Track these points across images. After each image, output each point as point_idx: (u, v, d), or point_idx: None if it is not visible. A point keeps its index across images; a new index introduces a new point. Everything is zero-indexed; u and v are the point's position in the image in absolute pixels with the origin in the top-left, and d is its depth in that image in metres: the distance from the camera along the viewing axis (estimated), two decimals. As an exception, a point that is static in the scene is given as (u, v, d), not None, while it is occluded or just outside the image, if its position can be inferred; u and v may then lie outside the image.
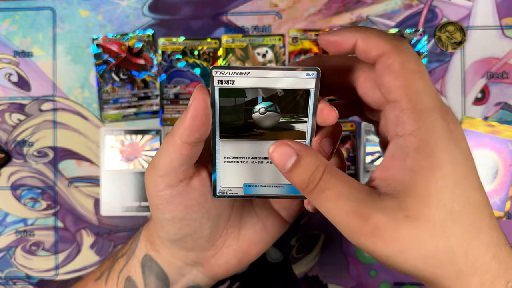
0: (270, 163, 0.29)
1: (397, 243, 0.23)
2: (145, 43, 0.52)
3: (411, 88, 0.24)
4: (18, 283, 0.53)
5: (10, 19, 0.53)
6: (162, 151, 0.28)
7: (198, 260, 0.33)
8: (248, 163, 0.30)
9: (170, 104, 0.52)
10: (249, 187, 0.30)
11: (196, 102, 0.26)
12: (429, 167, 0.23)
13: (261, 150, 0.29)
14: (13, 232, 0.53)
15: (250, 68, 0.27)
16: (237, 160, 0.30)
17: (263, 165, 0.30)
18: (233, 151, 0.29)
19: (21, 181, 0.53)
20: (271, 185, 0.30)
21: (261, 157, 0.29)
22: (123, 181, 0.52)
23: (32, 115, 0.53)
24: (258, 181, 0.30)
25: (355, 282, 0.51)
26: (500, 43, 0.51)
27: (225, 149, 0.29)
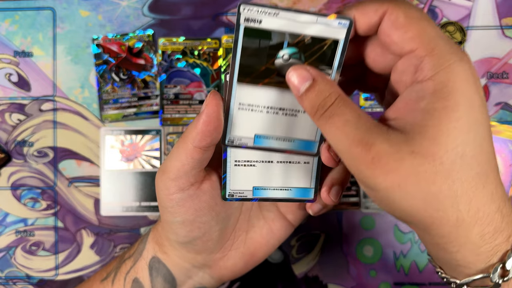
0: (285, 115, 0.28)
1: (397, 175, 0.22)
2: (145, 43, 0.52)
3: (424, 35, 0.23)
4: (18, 283, 0.53)
5: (10, 19, 0.53)
6: (174, 155, 0.28)
7: (206, 262, 0.33)
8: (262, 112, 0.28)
9: (170, 104, 0.52)
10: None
11: (209, 108, 0.26)
12: (444, 108, 0.22)
13: (278, 99, 0.28)
14: (13, 232, 0.53)
15: (281, 8, 0.25)
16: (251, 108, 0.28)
17: (278, 117, 0.28)
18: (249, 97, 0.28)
19: (21, 181, 0.53)
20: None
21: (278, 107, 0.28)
22: (123, 181, 0.52)
23: (32, 115, 0.53)
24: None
25: (355, 282, 0.51)
26: (500, 43, 0.51)
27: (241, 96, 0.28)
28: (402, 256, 0.51)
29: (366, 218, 0.52)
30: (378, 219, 0.52)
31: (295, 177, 0.31)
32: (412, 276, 0.51)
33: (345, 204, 0.52)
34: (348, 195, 0.51)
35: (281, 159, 0.30)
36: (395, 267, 0.51)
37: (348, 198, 0.51)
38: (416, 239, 0.51)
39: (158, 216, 0.52)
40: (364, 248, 0.52)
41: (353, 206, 0.52)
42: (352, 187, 0.51)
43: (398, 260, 0.51)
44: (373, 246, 0.51)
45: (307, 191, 0.31)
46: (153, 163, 0.52)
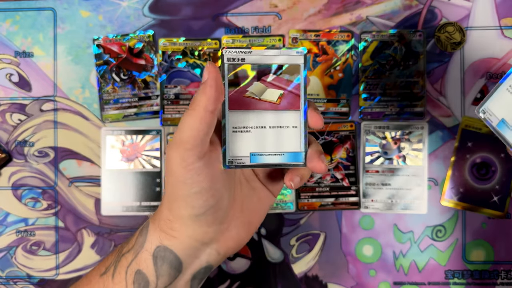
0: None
1: None
2: (146, 44, 0.53)
3: None
4: (18, 282, 0.53)
5: (11, 20, 0.53)
6: (186, 125, 0.30)
7: (215, 235, 0.35)
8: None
9: (170, 104, 0.53)
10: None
11: (211, 75, 0.30)
12: None
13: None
14: (14, 232, 0.53)
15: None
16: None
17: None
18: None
19: (22, 181, 0.53)
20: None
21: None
22: (124, 181, 0.52)
23: (33, 115, 0.53)
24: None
25: (354, 282, 0.52)
26: (500, 44, 0.51)
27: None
28: (401, 256, 0.51)
29: (366, 218, 0.52)
30: (378, 219, 0.52)
31: (287, 142, 0.34)
32: (412, 275, 0.51)
33: (344, 204, 0.52)
34: (347, 195, 0.52)
35: (272, 124, 0.34)
36: (394, 266, 0.51)
37: (348, 198, 0.52)
38: (416, 239, 0.51)
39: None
40: (364, 247, 0.52)
41: (352, 206, 0.52)
42: (351, 187, 0.52)
43: (397, 260, 0.51)
44: (372, 246, 0.52)
45: (298, 156, 0.34)
46: (154, 163, 0.52)
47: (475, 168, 0.51)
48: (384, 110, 0.52)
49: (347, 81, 0.52)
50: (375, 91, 0.52)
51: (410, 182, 0.51)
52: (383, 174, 0.51)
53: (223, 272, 0.52)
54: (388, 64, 0.52)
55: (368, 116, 0.52)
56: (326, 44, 0.52)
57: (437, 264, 0.51)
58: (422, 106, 0.52)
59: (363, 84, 0.52)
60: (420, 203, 0.51)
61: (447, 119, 0.51)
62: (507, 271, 0.51)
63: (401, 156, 0.51)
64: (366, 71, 0.52)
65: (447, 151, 0.51)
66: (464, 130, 0.51)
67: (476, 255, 0.51)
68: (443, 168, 0.51)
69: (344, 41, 0.52)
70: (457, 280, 0.51)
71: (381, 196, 0.51)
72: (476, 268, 0.51)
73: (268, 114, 0.34)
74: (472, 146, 0.51)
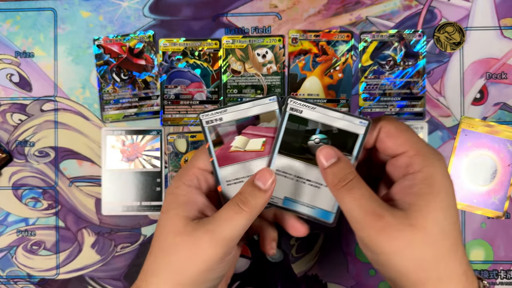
0: (311, 186, 0.35)
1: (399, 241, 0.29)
2: (146, 44, 0.53)
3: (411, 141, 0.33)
4: (19, 282, 0.53)
5: (11, 20, 0.54)
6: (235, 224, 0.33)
7: None
8: (293, 180, 0.35)
9: (170, 105, 0.53)
10: (288, 201, 0.35)
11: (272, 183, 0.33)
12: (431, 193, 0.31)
13: (307, 172, 0.35)
14: (15, 231, 0.53)
15: (317, 104, 0.35)
16: (285, 175, 0.35)
17: (304, 186, 0.35)
18: (284, 166, 0.35)
19: (22, 181, 0.53)
20: (306, 204, 0.35)
21: (306, 178, 0.35)
22: (124, 181, 0.52)
23: (34, 115, 0.53)
24: (297, 197, 0.35)
25: (354, 281, 0.52)
26: (499, 44, 0.52)
27: (278, 164, 0.35)
28: (401, 256, 0.51)
29: (366, 217, 0.52)
30: (378, 219, 0.52)
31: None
32: (411, 275, 0.51)
33: (344, 204, 0.52)
34: (347, 194, 0.52)
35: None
36: (394, 266, 0.51)
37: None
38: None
39: (158, 215, 0.52)
40: (364, 247, 0.52)
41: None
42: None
43: (397, 260, 0.51)
44: (372, 246, 0.52)
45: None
46: (154, 163, 0.52)
47: (474, 168, 0.51)
48: (383, 110, 0.52)
49: (347, 81, 0.52)
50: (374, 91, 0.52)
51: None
52: (383, 174, 0.52)
53: (223, 272, 0.52)
54: (388, 64, 0.52)
55: (368, 116, 0.52)
56: (326, 45, 0.52)
57: (436, 263, 0.51)
58: (421, 106, 0.52)
59: (363, 84, 0.52)
60: (419, 203, 0.51)
61: (447, 119, 0.52)
62: (507, 271, 0.51)
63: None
64: (366, 71, 0.52)
65: (446, 151, 0.51)
66: (464, 130, 0.51)
67: (476, 254, 0.51)
68: (443, 168, 0.51)
69: (344, 41, 0.52)
70: (456, 280, 0.51)
71: (381, 196, 0.52)
72: (476, 268, 0.51)
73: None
74: (472, 146, 0.51)
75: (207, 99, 0.53)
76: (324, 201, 0.35)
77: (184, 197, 0.34)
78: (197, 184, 0.36)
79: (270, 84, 0.52)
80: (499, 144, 0.50)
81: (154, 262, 0.34)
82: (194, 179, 0.36)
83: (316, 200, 0.35)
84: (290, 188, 0.35)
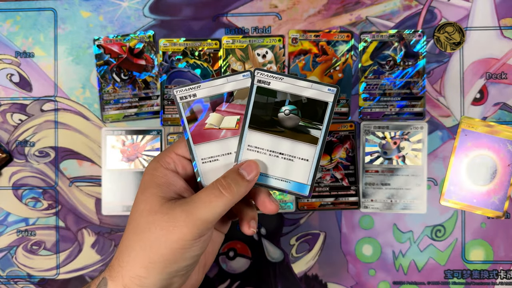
0: (284, 159, 0.35)
1: None
2: (146, 44, 0.53)
3: None
4: (19, 282, 0.53)
5: (11, 20, 0.54)
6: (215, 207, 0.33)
7: (180, 285, 0.35)
8: (266, 155, 0.35)
9: (170, 105, 0.53)
10: (262, 177, 0.35)
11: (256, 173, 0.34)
12: None
13: (279, 145, 0.35)
14: (15, 231, 0.53)
15: (285, 75, 0.34)
16: (257, 150, 0.35)
17: (277, 160, 0.35)
18: (256, 141, 0.35)
19: (23, 181, 0.53)
20: (280, 178, 0.35)
21: (278, 152, 0.35)
22: (124, 180, 0.52)
23: (34, 115, 0.53)
24: (271, 173, 0.35)
25: (354, 281, 0.52)
26: (499, 44, 0.52)
27: (250, 139, 0.35)
28: (401, 255, 0.51)
29: (365, 217, 0.52)
30: (377, 219, 0.52)
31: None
32: (411, 275, 0.51)
33: (344, 204, 0.52)
34: (347, 194, 0.52)
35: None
36: (394, 266, 0.51)
37: (347, 198, 0.52)
38: (415, 238, 0.51)
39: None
40: (363, 247, 0.52)
41: (352, 205, 0.52)
42: (351, 187, 0.52)
43: (397, 259, 0.51)
44: (372, 245, 0.52)
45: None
46: (154, 163, 0.52)
47: (474, 168, 0.51)
48: (383, 110, 0.52)
49: (347, 81, 0.52)
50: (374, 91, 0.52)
51: (409, 182, 0.51)
52: (383, 174, 0.52)
53: (223, 272, 0.52)
54: (388, 64, 0.52)
55: (368, 116, 0.52)
56: (326, 45, 0.52)
57: (436, 263, 0.51)
58: (421, 106, 0.52)
59: (363, 84, 0.52)
60: (419, 203, 0.51)
61: (447, 119, 0.52)
62: (506, 271, 0.51)
63: (401, 156, 0.51)
64: (366, 71, 0.52)
65: (446, 151, 0.51)
66: (463, 130, 0.51)
67: (476, 254, 0.51)
68: (443, 168, 0.51)
69: (343, 41, 0.52)
70: (456, 280, 0.51)
71: (381, 196, 0.52)
72: (476, 268, 0.51)
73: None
74: (472, 146, 0.51)
75: (207, 99, 0.53)
76: (299, 174, 0.35)
77: (162, 178, 0.34)
78: (174, 168, 0.35)
79: (270, 84, 0.52)
80: (499, 144, 0.50)
81: (127, 239, 0.34)
82: (171, 163, 0.35)
83: (290, 174, 0.35)
84: (263, 163, 0.35)
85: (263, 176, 0.35)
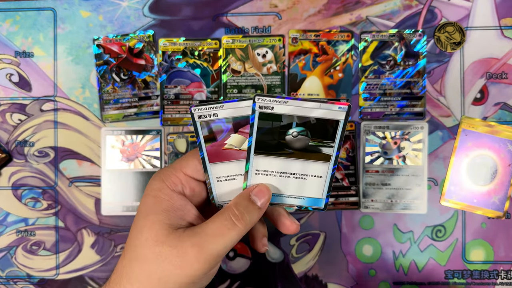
0: (295, 178, 0.34)
1: None
2: (146, 44, 0.53)
3: None
4: (19, 282, 0.53)
5: (11, 20, 0.53)
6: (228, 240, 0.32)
7: None
8: (276, 176, 0.34)
9: (170, 104, 0.53)
10: (275, 197, 0.34)
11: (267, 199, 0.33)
12: None
13: (289, 166, 0.34)
14: (14, 231, 0.53)
15: (289, 98, 0.32)
16: (266, 173, 0.34)
17: (289, 180, 0.34)
18: (264, 165, 0.34)
19: (22, 181, 0.53)
20: (294, 196, 0.34)
21: (289, 172, 0.34)
22: (124, 181, 0.52)
23: (33, 115, 0.53)
24: (283, 192, 0.34)
25: (354, 282, 0.52)
26: (499, 44, 0.52)
27: (257, 164, 0.34)
28: (401, 256, 0.51)
29: (366, 217, 0.52)
30: (377, 219, 0.52)
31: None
32: (411, 275, 0.51)
33: (344, 204, 0.52)
34: (347, 195, 0.52)
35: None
36: (394, 266, 0.51)
37: (348, 198, 0.52)
38: (416, 238, 0.51)
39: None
40: (364, 247, 0.52)
41: (352, 206, 0.52)
42: (351, 187, 0.52)
43: (397, 260, 0.51)
44: (372, 246, 0.52)
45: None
46: (154, 163, 0.52)
47: (474, 168, 0.51)
48: (384, 110, 0.52)
49: (347, 81, 0.52)
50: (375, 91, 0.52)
51: (409, 182, 0.51)
52: (383, 174, 0.52)
53: (223, 272, 0.52)
54: (388, 64, 0.52)
55: (368, 116, 0.52)
56: (326, 44, 0.52)
57: (436, 264, 0.51)
58: (422, 106, 0.52)
59: (363, 84, 0.52)
60: (419, 203, 0.51)
61: (447, 119, 0.52)
62: (507, 271, 0.51)
63: (401, 156, 0.51)
64: (366, 71, 0.52)
65: (446, 151, 0.51)
66: (464, 130, 0.51)
67: (476, 255, 0.51)
68: (443, 168, 0.51)
69: (344, 41, 0.52)
70: (456, 280, 0.51)
71: (381, 196, 0.51)
72: (476, 268, 0.51)
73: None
74: (472, 146, 0.51)
75: (207, 99, 0.53)
76: (312, 190, 0.34)
77: (168, 202, 0.32)
78: (182, 191, 0.33)
79: (270, 84, 0.52)
80: (499, 144, 0.50)
81: (129, 268, 0.32)
82: (179, 184, 0.33)
83: (303, 191, 0.34)
84: (274, 184, 0.34)
85: (276, 196, 0.34)
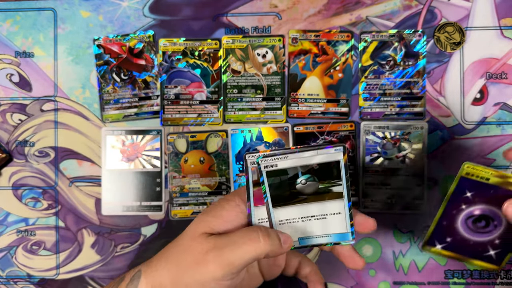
0: (317, 220, 0.37)
1: None
2: (146, 44, 0.53)
3: None
4: (19, 282, 0.53)
5: (11, 20, 0.54)
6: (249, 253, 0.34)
7: None
8: (299, 222, 0.37)
9: (170, 105, 0.53)
10: (303, 240, 0.37)
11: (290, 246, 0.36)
12: None
13: (308, 210, 0.37)
14: (14, 231, 0.53)
15: (288, 152, 0.36)
16: (289, 221, 0.37)
17: (311, 222, 0.37)
18: (285, 215, 0.36)
19: (22, 181, 0.53)
20: (321, 235, 0.37)
21: (309, 215, 0.37)
22: (124, 181, 0.52)
23: (34, 115, 0.53)
24: (310, 234, 0.37)
25: (354, 282, 0.52)
26: (499, 44, 0.52)
27: (278, 216, 0.36)
28: (401, 256, 0.51)
29: (366, 217, 0.52)
30: (378, 219, 0.52)
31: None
32: (411, 275, 0.51)
33: (344, 204, 0.52)
34: (347, 195, 0.52)
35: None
36: (394, 266, 0.51)
37: (348, 197, 0.52)
38: (416, 238, 0.51)
39: (158, 215, 0.52)
40: (363, 247, 0.52)
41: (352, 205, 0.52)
42: (351, 187, 0.52)
43: (397, 260, 0.51)
44: (372, 246, 0.52)
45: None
46: (154, 163, 0.52)
47: (470, 220, 0.43)
48: (383, 110, 0.52)
49: (347, 81, 0.52)
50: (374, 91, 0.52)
51: (410, 182, 0.51)
52: (383, 174, 0.52)
53: (223, 272, 0.52)
54: (388, 64, 0.52)
55: (368, 116, 0.52)
56: (326, 44, 0.52)
57: (436, 264, 0.51)
58: (421, 106, 0.52)
59: (363, 84, 0.52)
60: (419, 203, 0.51)
61: (447, 119, 0.52)
62: (507, 271, 0.51)
63: (401, 156, 0.51)
64: (366, 71, 0.52)
65: (446, 151, 0.51)
66: (464, 178, 0.41)
67: (476, 255, 0.51)
68: (443, 168, 0.51)
69: (344, 41, 0.52)
70: (456, 280, 0.51)
71: (381, 196, 0.52)
72: (476, 268, 0.51)
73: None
74: (472, 197, 0.42)
75: (207, 99, 0.53)
76: (336, 226, 0.37)
77: (227, 212, 0.36)
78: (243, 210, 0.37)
79: (270, 84, 0.52)
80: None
81: (168, 249, 0.36)
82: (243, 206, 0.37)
83: (328, 229, 0.37)
84: (299, 229, 0.37)
85: (304, 239, 0.37)
